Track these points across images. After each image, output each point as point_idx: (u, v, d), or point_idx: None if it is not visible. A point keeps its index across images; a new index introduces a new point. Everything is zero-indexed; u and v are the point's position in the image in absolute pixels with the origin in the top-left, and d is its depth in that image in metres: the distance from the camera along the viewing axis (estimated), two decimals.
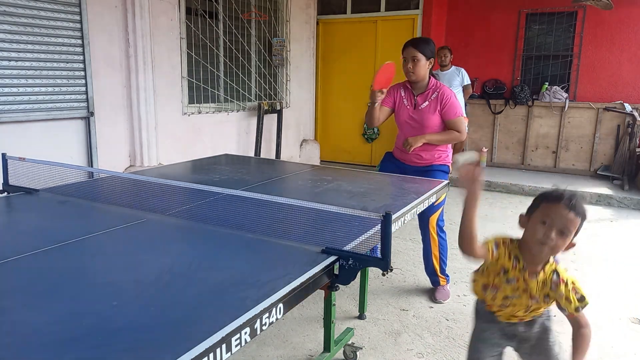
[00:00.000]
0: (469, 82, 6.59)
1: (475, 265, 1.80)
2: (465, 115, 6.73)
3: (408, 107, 3.19)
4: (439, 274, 3.34)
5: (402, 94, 3.23)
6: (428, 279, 3.42)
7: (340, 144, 8.09)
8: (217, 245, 1.83)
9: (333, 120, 8.12)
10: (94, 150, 4.58)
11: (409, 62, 3.05)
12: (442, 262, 3.34)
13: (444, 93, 3.11)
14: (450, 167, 3.28)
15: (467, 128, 6.68)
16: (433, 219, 3.23)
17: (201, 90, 5.75)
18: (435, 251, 3.29)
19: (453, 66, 6.58)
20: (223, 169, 3.27)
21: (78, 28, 4.32)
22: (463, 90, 6.57)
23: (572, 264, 3.99)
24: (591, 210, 5.92)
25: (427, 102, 3.13)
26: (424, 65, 3.06)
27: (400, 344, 2.79)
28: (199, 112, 5.71)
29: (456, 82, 6.51)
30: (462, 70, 6.56)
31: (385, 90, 3.04)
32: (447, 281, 3.39)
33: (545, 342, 1.76)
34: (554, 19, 7.09)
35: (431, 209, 3.03)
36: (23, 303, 1.33)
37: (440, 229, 3.30)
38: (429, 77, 3.15)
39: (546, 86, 7.11)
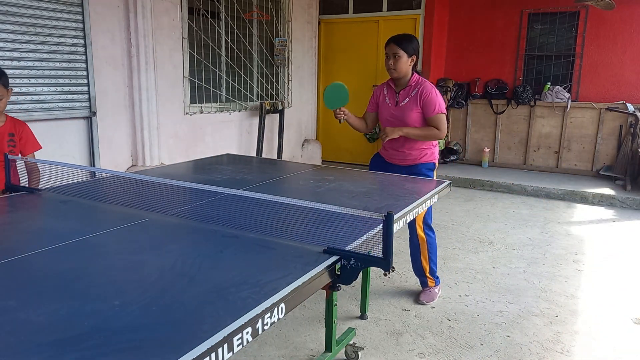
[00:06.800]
0: None
1: (477, 265, 1.80)
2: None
3: (390, 104, 3.20)
4: (428, 275, 3.27)
5: (385, 93, 3.25)
6: None
7: (342, 144, 8.08)
8: (219, 245, 1.83)
9: (335, 120, 8.07)
10: (96, 150, 4.59)
11: (391, 59, 3.06)
12: (432, 262, 3.26)
13: (424, 89, 3.06)
14: (437, 164, 3.23)
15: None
16: (419, 218, 3.16)
17: (203, 90, 5.75)
18: (424, 251, 3.23)
19: None
20: (225, 168, 3.27)
21: (80, 28, 4.33)
22: None
23: (574, 264, 3.99)
24: (593, 211, 5.91)
25: (407, 99, 3.11)
26: (405, 62, 3.05)
27: (401, 344, 2.79)
28: (201, 112, 5.71)
29: None
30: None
31: (344, 109, 3.28)
32: (436, 283, 3.32)
33: None
34: (556, 19, 7.07)
35: None
36: (25, 302, 1.33)
37: (428, 227, 3.24)
38: (412, 74, 3.13)
39: (548, 86, 7.10)
